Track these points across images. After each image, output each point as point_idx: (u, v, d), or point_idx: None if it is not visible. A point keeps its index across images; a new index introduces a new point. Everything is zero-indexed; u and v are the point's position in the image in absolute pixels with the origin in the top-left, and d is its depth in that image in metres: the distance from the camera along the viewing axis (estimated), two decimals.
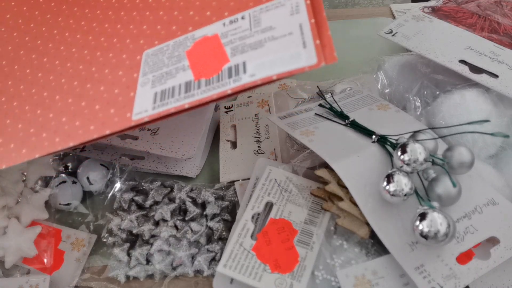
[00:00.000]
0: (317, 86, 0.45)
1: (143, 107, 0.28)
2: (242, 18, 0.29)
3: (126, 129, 0.28)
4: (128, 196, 0.41)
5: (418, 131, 0.34)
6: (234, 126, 0.47)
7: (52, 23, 0.36)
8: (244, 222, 0.35)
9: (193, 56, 0.29)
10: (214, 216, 0.40)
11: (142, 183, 0.42)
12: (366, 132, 0.37)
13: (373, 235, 0.32)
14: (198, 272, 0.37)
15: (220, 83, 0.26)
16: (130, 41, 0.32)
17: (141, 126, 0.28)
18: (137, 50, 0.31)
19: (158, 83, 0.29)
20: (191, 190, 0.41)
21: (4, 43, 0.36)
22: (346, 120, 0.38)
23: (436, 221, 0.28)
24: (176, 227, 0.39)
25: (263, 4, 0.28)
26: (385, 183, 0.31)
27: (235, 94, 0.26)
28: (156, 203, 0.41)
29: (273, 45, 0.26)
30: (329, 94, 0.44)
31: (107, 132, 0.28)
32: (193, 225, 0.39)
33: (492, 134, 0.32)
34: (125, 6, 0.34)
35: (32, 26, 0.36)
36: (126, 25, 0.33)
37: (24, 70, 0.34)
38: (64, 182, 0.42)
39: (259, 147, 0.44)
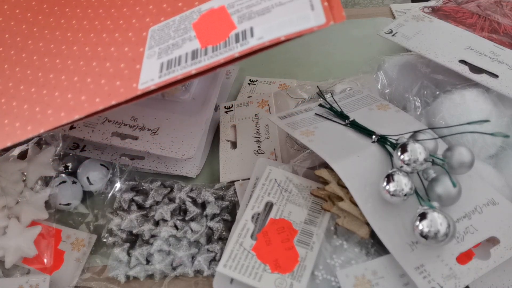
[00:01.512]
0: (317, 86, 0.45)
1: (149, 77, 0.28)
2: None
3: (132, 99, 0.29)
4: (128, 196, 0.41)
5: (418, 131, 0.34)
6: (234, 126, 0.47)
7: (59, 14, 0.37)
8: (244, 222, 0.35)
9: (200, 27, 0.29)
10: (214, 216, 0.40)
11: (142, 183, 0.42)
12: (366, 132, 0.37)
13: (373, 235, 0.32)
14: (198, 272, 0.37)
15: (228, 48, 0.27)
16: (136, 20, 0.32)
17: (147, 95, 0.28)
18: (143, 27, 0.32)
19: (164, 54, 0.29)
20: (191, 190, 0.41)
21: (14, 35, 0.37)
22: (346, 120, 0.38)
23: (436, 221, 0.28)
24: (176, 227, 0.39)
25: None
26: (385, 183, 0.31)
27: (243, 58, 0.26)
28: (156, 203, 0.41)
29: (281, 9, 0.27)
30: (329, 94, 0.44)
31: (113, 102, 0.29)
32: (193, 225, 0.39)
33: (492, 134, 0.32)
34: None
35: (40, 18, 0.37)
36: (132, 7, 0.33)
37: (31, 57, 0.35)
38: (64, 182, 0.42)
39: (259, 147, 0.44)
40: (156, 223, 0.40)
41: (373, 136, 0.36)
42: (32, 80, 0.33)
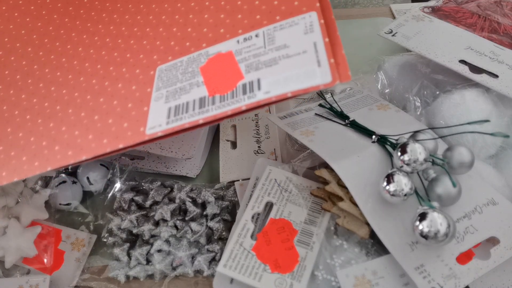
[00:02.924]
0: None
1: (157, 122, 0.28)
2: (256, 36, 0.29)
3: (139, 143, 0.28)
4: (128, 196, 0.41)
5: (418, 131, 0.34)
6: (234, 126, 0.47)
7: (66, 38, 0.36)
8: (244, 222, 0.35)
9: (207, 72, 0.29)
10: (214, 216, 0.40)
11: (142, 183, 0.42)
12: (366, 132, 0.37)
13: (373, 235, 0.32)
14: (198, 272, 0.37)
15: (235, 99, 0.26)
16: (144, 56, 0.32)
17: (154, 140, 0.28)
18: (151, 65, 0.31)
19: (172, 98, 0.29)
20: (191, 190, 0.41)
21: (19, 58, 0.36)
22: (346, 120, 0.38)
23: (436, 221, 0.28)
24: (176, 227, 0.39)
25: (277, 23, 0.28)
26: (385, 183, 0.31)
27: (249, 110, 0.26)
28: (156, 203, 0.41)
29: (288, 62, 0.26)
30: (329, 94, 0.44)
31: (121, 146, 0.28)
32: (193, 225, 0.39)
33: (492, 134, 0.32)
34: (138, 22, 0.34)
35: (46, 41, 0.37)
36: (139, 40, 0.33)
37: (38, 84, 0.34)
38: (64, 182, 0.42)
39: (259, 147, 0.44)
40: (156, 223, 0.40)
41: (373, 136, 0.36)
42: (39, 110, 0.33)
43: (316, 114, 0.41)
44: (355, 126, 0.38)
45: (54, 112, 0.32)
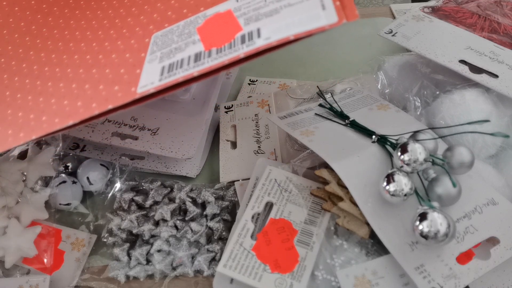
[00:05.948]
0: (317, 86, 0.45)
1: (149, 80, 0.28)
2: None
3: (130, 104, 0.28)
4: (128, 196, 0.41)
5: (418, 131, 0.34)
6: (234, 126, 0.47)
7: (64, 26, 0.36)
8: (244, 222, 0.35)
9: (204, 31, 0.28)
10: (214, 216, 0.40)
11: (142, 183, 0.42)
12: (366, 132, 0.37)
13: (373, 235, 0.32)
14: (198, 272, 0.37)
15: (232, 49, 0.26)
16: (140, 28, 0.32)
17: (147, 99, 0.28)
18: (147, 34, 0.31)
19: (166, 58, 0.28)
20: (191, 190, 0.41)
21: (17, 46, 0.37)
22: (346, 120, 0.38)
23: (436, 221, 0.28)
24: (176, 227, 0.39)
25: None
26: (385, 183, 0.31)
27: (249, 59, 0.26)
28: (156, 203, 0.41)
29: (290, 10, 0.26)
30: (329, 94, 0.44)
31: (110, 107, 0.28)
32: (193, 225, 0.39)
33: (492, 134, 0.32)
34: (137, 3, 0.34)
35: (45, 31, 0.37)
36: (136, 17, 0.33)
37: (32, 67, 0.34)
38: (64, 182, 0.42)
39: (259, 147, 0.44)
40: (156, 223, 0.40)
41: (373, 136, 0.36)
42: (30, 88, 0.33)
43: (316, 114, 0.41)
44: (355, 126, 0.38)
45: (45, 88, 0.32)
